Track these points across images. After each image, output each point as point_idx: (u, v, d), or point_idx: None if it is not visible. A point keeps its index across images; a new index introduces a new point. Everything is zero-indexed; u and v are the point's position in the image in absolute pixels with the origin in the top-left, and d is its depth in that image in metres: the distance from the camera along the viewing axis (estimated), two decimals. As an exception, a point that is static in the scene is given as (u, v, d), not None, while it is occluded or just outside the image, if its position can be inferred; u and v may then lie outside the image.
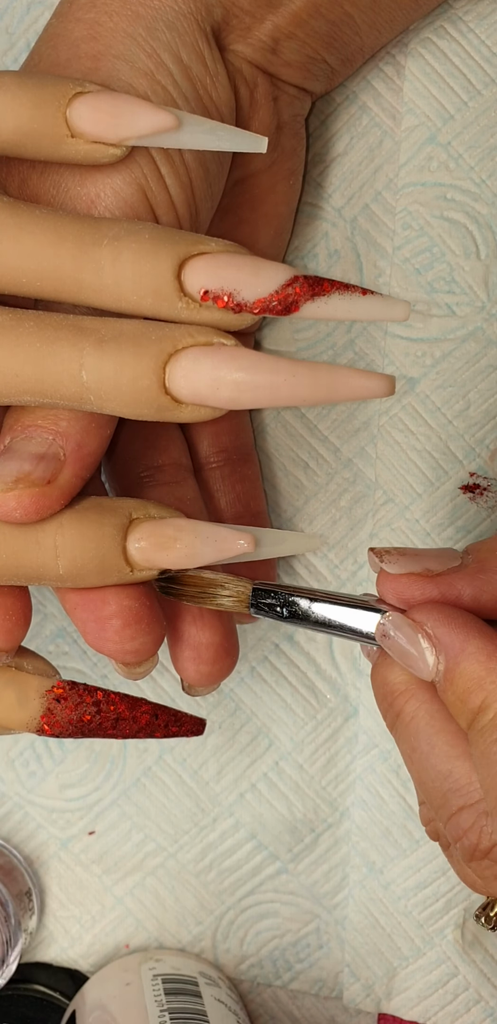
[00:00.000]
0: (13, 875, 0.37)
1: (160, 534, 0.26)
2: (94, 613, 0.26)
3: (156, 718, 0.27)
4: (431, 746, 0.25)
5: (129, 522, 0.26)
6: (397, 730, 0.26)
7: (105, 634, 0.26)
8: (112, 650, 0.27)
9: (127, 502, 0.26)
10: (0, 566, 0.26)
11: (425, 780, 0.25)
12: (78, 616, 0.27)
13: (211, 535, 0.26)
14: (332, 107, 0.33)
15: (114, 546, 0.26)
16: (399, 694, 0.26)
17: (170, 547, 0.26)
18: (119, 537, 0.26)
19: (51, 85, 0.25)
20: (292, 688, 0.35)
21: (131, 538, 0.26)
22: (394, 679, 0.26)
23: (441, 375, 0.33)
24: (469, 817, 0.25)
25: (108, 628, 0.26)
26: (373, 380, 0.24)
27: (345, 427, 0.34)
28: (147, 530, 0.26)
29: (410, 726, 0.26)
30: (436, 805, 0.25)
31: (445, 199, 0.32)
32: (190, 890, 0.37)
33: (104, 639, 0.26)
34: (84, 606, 0.26)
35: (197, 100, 0.27)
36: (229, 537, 0.26)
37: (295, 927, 0.37)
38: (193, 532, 0.26)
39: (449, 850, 0.27)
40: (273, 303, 0.24)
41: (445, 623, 0.25)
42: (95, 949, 0.38)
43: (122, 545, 0.26)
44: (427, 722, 0.25)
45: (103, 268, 0.24)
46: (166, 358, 0.24)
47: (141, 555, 0.26)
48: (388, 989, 0.36)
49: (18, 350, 0.24)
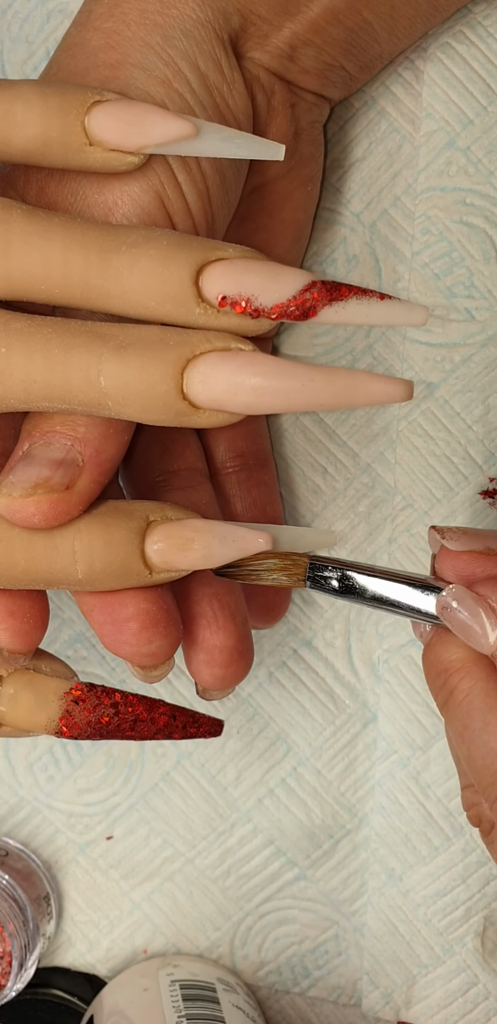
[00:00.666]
0: (32, 879, 0.37)
1: (178, 536, 0.26)
2: (111, 616, 0.26)
3: (174, 719, 0.27)
4: (485, 724, 0.25)
5: (146, 525, 0.26)
6: (449, 708, 0.26)
7: (122, 637, 0.26)
8: (129, 653, 0.27)
9: (144, 505, 0.26)
10: (19, 571, 0.26)
11: (476, 758, 0.25)
12: (95, 619, 0.27)
13: (228, 535, 0.26)
14: (351, 112, 0.33)
15: (132, 549, 0.26)
16: (454, 671, 0.26)
17: (188, 548, 0.26)
18: (137, 540, 0.26)
19: (70, 94, 0.25)
20: (310, 693, 0.35)
21: (149, 540, 0.26)
22: (449, 656, 0.26)
23: (460, 380, 0.33)
24: None
25: (125, 631, 0.26)
26: (391, 385, 0.24)
27: (364, 432, 0.34)
28: (165, 532, 0.26)
29: (463, 704, 0.25)
30: (485, 785, 0.25)
31: (464, 204, 0.32)
32: (208, 896, 0.37)
33: (121, 642, 0.26)
34: (101, 609, 0.26)
35: (214, 108, 0.27)
36: (246, 536, 0.26)
37: (313, 934, 0.37)
38: (210, 532, 0.26)
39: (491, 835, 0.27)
40: (291, 308, 0.24)
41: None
42: (113, 954, 0.38)
43: (140, 548, 0.26)
44: (482, 699, 0.25)
45: (121, 274, 0.24)
46: (184, 363, 0.24)
47: (159, 557, 0.26)
48: (407, 997, 0.36)
49: (36, 356, 0.24)
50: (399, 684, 0.34)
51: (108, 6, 0.27)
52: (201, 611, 0.28)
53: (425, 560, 0.34)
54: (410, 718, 0.35)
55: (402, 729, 0.35)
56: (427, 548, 0.34)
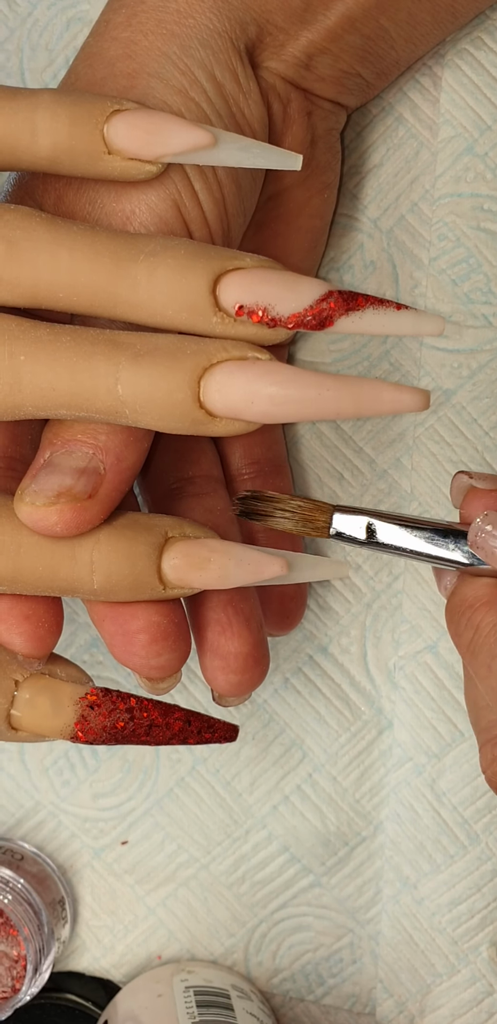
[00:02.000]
0: (46, 884, 0.37)
1: (195, 554, 0.26)
2: (122, 627, 0.26)
3: (189, 724, 0.27)
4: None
5: (164, 540, 0.26)
6: (473, 646, 0.26)
7: (132, 648, 0.26)
8: (138, 664, 0.27)
9: (163, 520, 0.26)
10: (36, 578, 0.26)
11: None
12: (105, 629, 0.27)
13: (244, 558, 0.26)
14: (368, 119, 0.33)
15: (149, 564, 0.26)
16: (480, 606, 0.26)
17: (204, 568, 0.26)
18: (154, 556, 0.26)
19: (89, 103, 0.25)
20: (326, 700, 0.35)
21: (166, 557, 0.26)
22: (475, 593, 0.26)
23: (477, 386, 0.33)
24: None
25: (135, 643, 0.26)
26: (408, 394, 0.24)
27: (380, 438, 0.34)
28: (182, 550, 0.26)
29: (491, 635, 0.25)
30: None
31: (482, 210, 0.32)
32: (223, 902, 0.37)
33: (130, 653, 0.27)
34: (112, 619, 0.27)
35: (230, 117, 0.27)
36: (262, 561, 0.26)
37: (328, 941, 0.37)
38: (227, 554, 0.26)
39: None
40: (307, 318, 0.24)
41: None
42: (127, 959, 0.38)
43: (157, 563, 0.26)
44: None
45: (139, 283, 0.24)
46: (201, 372, 0.24)
47: (174, 574, 0.26)
48: (421, 1006, 0.36)
49: (55, 364, 0.24)
50: (415, 691, 0.34)
51: (126, 16, 0.27)
52: (216, 617, 0.28)
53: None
54: (426, 725, 0.34)
55: (418, 736, 0.35)
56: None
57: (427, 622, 0.34)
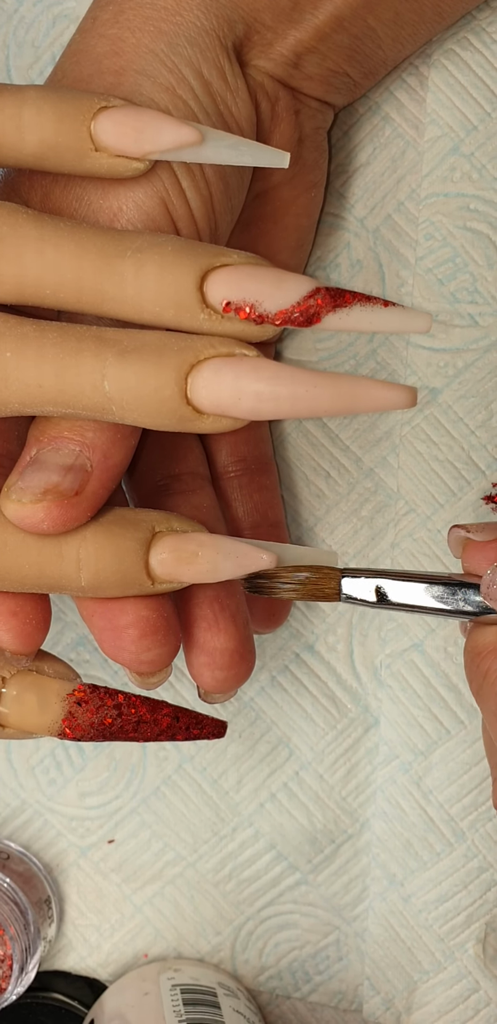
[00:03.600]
0: (33, 883, 0.37)
1: (182, 549, 0.26)
2: (111, 622, 0.26)
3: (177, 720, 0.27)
4: None
5: (152, 536, 0.26)
6: (483, 690, 0.27)
7: (121, 643, 0.26)
8: (127, 660, 0.27)
9: (150, 515, 0.26)
10: (23, 576, 0.26)
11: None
12: (95, 624, 0.27)
13: (232, 551, 0.26)
14: (355, 118, 0.33)
15: (136, 560, 0.26)
16: (487, 653, 0.27)
17: (192, 562, 0.26)
18: (142, 551, 0.26)
19: (76, 99, 0.25)
20: (313, 698, 0.35)
21: (153, 552, 0.26)
22: (483, 640, 0.27)
23: (464, 385, 0.33)
24: None
25: (124, 638, 0.26)
26: (394, 391, 0.24)
27: (367, 437, 0.34)
28: (169, 544, 0.26)
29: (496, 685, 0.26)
30: None
31: (468, 209, 0.32)
32: (209, 900, 0.37)
33: (120, 648, 0.26)
34: (101, 614, 0.26)
35: (217, 115, 0.27)
36: (250, 553, 0.26)
37: (315, 939, 0.37)
38: (214, 548, 0.26)
39: None
40: (295, 315, 0.24)
41: None
42: (114, 958, 0.38)
43: (144, 559, 0.26)
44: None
45: (126, 280, 0.24)
46: (188, 369, 0.24)
47: (162, 569, 0.26)
48: (408, 1003, 0.36)
49: (41, 361, 0.24)
50: (401, 689, 0.34)
51: (113, 13, 0.27)
52: (202, 613, 0.28)
53: (427, 565, 0.34)
54: (412, 723, 0.35)
55: (404, 734, 0.35)
56: (430, 553, 0.34)
57: (413, 621, 0.34)
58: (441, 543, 0.34)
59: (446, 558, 0.34)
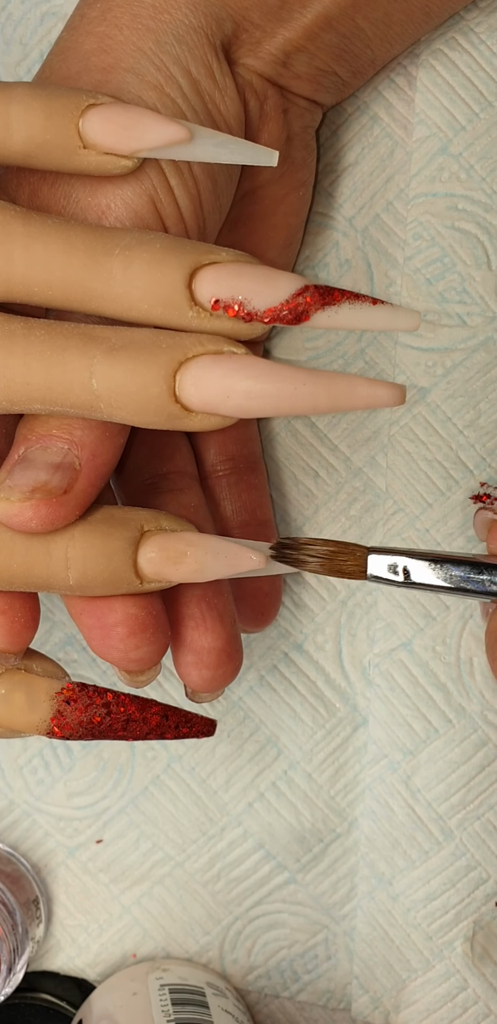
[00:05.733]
0: (20, 883, 0.37)
1: (171, 548, 0.26)
2: (99, 620, 0.26)
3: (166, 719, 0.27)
4: None
5: (140, 535, 0.26)
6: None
7: (110, 641, 0.26)
8: (116, 658, 0.27)
9: (139, 513, 0.26)
10: (10, 574, 0.26)
11: None
12: (83, 622, 0.27)
13: (221, 550, 0.26)
14: (343, 118, 0.33)
15: (125, 559, 0.26)
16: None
17: (180, 561, 0.26)
18: (130, 551, 0.26)
19: (65, 96, 0.25)
20: (301, 697, 0.35)
21: (142, 551, 0.26)
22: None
23: (452, 385, 0.33)
24: None
25: (113, 636, 0.26)
26: (383, 389, 0.24)
27: (355, 436, 0.34)
28: (158, 544, 0.26)
29: None
30: None
31: (456, 209, 0.32)
32: (198, 900, 0.37)
33: (109, 646, 0.26)
34: (89, 613, 0.26)
35: (206, 113, 0.27)
36: (239, 553, 0.26)
37: (303, 938, 0.37)
38: (204, 547, 0.26)
39: None
40: (283, 312, 0.24)
41: None
42: (102, 958, 0.38)
43: (133, 558, 0.26)
44: None
45: (114, 277, 0.24)
46: (176, 366, 0.24)
47: (151, 568, 0.26)
48: (396, 1002, 0.36)
49: (29, 358, 0.24)
50: (390, 688, 0.35)
51: (101, 10, 0.27)
52: (189, 612, 0.28)
53: (416, 564, 0.34)
54: (401, 722, 0.35)
55: (392, 733, 0.35)
56: (418, 552, 0.34)
57: (402, 620, 0.34)
58: (429, 543, 0.34)
59: (434, 557, 0.34)
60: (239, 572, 0.26)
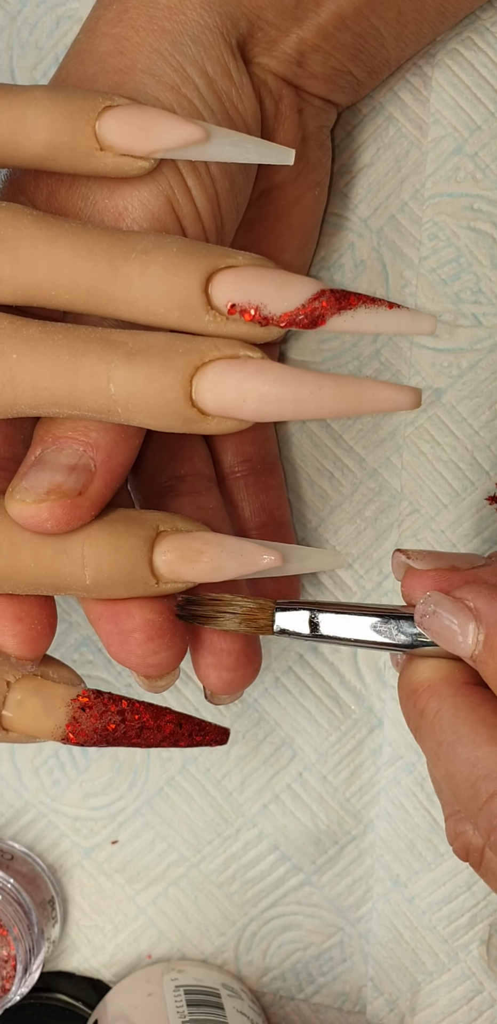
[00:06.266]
0: (36, 883, 0.37)
1: (186, 547, 0.26)
2: (118, 625, 0.26)
3: (180, 727, 0.27)
4: (457, 736, 0.25)
5: (156, 534, 0.26)
6: (421, 729, 0.26)
7: (128, 647, 0.26)
8: (134, 663, 0.27)
9: (154, 514, 0.26)
10: (27, 575, 0.26)
11: (453, 773, 0.25)
12: (102, 628, 0.27)
13: (237, 549, 0.26)
14: (358, 118, 0.33)
15: (141, 557, 0.26)
16: (423, 691, 0.26)
17: (196, 560, 0.26)
18: (146, 549, 0.26)
19: (81, 99, 0.25)
20: (316, 699, 0.35)
21: (158, 550, 0.26)
22: (418, 678, 0.26)
23: (467, 385, 0.33)
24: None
25: (131, 641, 0.26)
26: (399, 393, 0.24)
27: (371, 437, 0.34)
28: (174, 543, 0.26)
29: (434, 721, 0.25)
30: (466, 799, 0.25)
31: (472, 209, 0.32)
32: (213, 901, 0.37)
33: (127, 652, 0.27)
34: (108, 618, 0.26)
35: (223, 113, 0.27)
36: (255, 552, 0.26)
37: (318, 940, 0.37)
38: (219, 546, 0.26)
39: (483, 865, 0.27)
40: (300, 317, 0.24)
41: (485, 595, 0.25)
42: (117, 959, 0.38)
43: (148, 557, 0.26)
44: (452, 713, 0.25)
45: (131, 281, 0.24)
46: (193, 371, 0.24)
47: (167, 567, 0.26)
48: (412, 1004, 0.36)
49: (48, 362, 0.24)
50: (405, 690, 0.34)
51: (116, 12, 0.27)
52: None
53: (431, 566, 0.34)
54: (416, 724, 0.35)
55: (408, 735, 0.35)
56: (434, 554, 0.34)
57: (417, 621, 0.34)
58: (445, 544, 0.34)
59: (450, 559, 0.34)
60: (255, 571, 0.26)
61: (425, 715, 0.26)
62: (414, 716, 0.26)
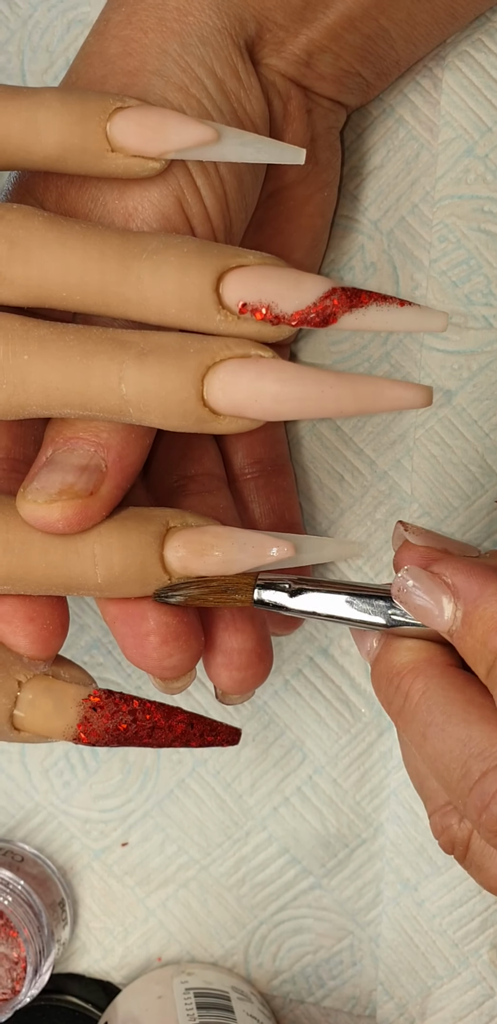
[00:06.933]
0: (47, 885, 0.37)
1: (197, 541, 0.26)
2: (133, 628, 0.26)
3: (192, 727, 0.27)
4: (447, 715, 0.24)
5: (166, 530, 0.26)
6: (405, 714, 0.25)
7: (144, 650, 0.26)
8: (150, 665, 0.27)
9: (164, 511, 0.26)
10: (39, 575, 0.26)
11: (443, 753, 0.24)
12: (117, 630, 0.27)
13: (248, 541, 0.26)
14: (369, 120, 0.33)
15: (152, 554, 0.26)
16: (406, 673, 0.25)
17: (207, 554, 0.26)
18: (156, 545, 0.26)
19: (92, 100, 0.25)
20: (326, 701, 0.35)
21: (169, 546, 0.26)
22: (400, 660, 0.25)
23: (478, 388, 0.33)
24: (494, 780, 0.23)
25: (147, 644, 0.26)
26: (410, 391, 0.24)
27: (381, 440, 0.34)
28: (185, 538, 0.26)
29: (421, 703, 0.25)
30: (456, 779, 0.24)
31: (482, 211, 0.32)
32: (223, 903, 0.37)
33: (143, 654, 0.27)
34: (123, 620, 0.27)
35: (232, 113, 0.27)
36: (267, 543, 0.26)
37: (328, 943, 0.36)
38: (231, 539, 0.26)
39: (467, 858, 0.26)
40: (311, 315, 0.24)
41: (463, 571, 0.24)
42: (127, 961, 0.38)
43: (160, 553, 0.26)
44: (441, 694, 0.24)
45: (142, 281, 0.24)
46: (204, 371, 0.24)
47: (179, 563, 0.26)
48: (422, 1009, 0.36)
49: (60, 363, 0.24)
50: (415, 693, 0.34)
51: (125, 14, 0.27)
52: (219, 613, 0.28)
53: (442, 568, 0.34)
54: (426, 727, 0.34)
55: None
56: (444, 556, 0.34)
57: (428, 623, 0.34)
58: (455, 546, 0.34)
59: (460, 561, 0.34)
60: (267, 563, 0.26)
61: (410, 697, 0.25)
62: (397, 699, 0.25)
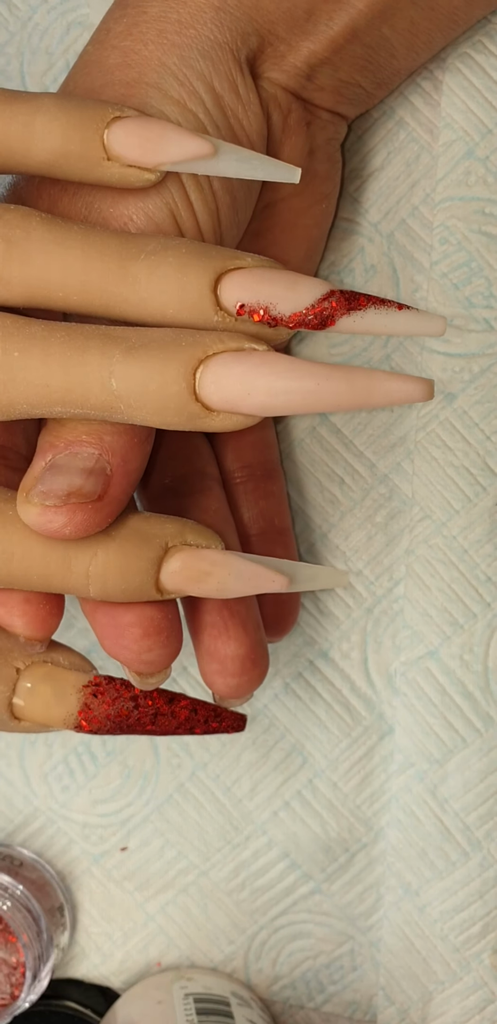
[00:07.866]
0: (46, 890, 0.37)
1: (194, 568, 0.25)
2: (113, 619, 0.26)
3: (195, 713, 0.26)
4: None
5: (164, 552, 0.25)
6: None
7: (123, 641, 0.26)
8: (128, 658, 0.26)
9: (165, 528, 0.26)
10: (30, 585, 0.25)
11: None
12: (97, 620, 0.26)
13: (244, 571, 0.25)
14: (369, 122, 0.33)
15: (147, 579, 0.25)
16: None
17: (203, 580, 0.25)
18: (153, 571, 0.25)
19: (90, 108, 0.25)
20: (327, 705, 0.35)
21: (165, 568, 0.25)
22: None
23: (479, 390, 0.33)
24: None
25: (127, 636, 0.26)
26: (410, 383, 0.23)
27: (381, 442, 0.34)
28: (181, 562, 0.25)
29: None
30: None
31: (483, 213, 0.32)
32: (222, 908, 0.37)
33: (121, 646, 0.26)
34: (104, 611, 0.26)
35: (228, 128, 0.27)
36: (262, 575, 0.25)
37: (329, 948, 0.36)
38: (227, 567, 0.25)
39: None
40: (309, 317, 0.24)
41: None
42: (127, 966, 0.38)
43: (155, 577, 0.25)
44: None
45: (139, 282, 0.24)
46: (196, 364, 0.24)
47: (172, 584, 0.25)
48: (423, 1014, 0.36)
49: (49, 359, 0.24)
50: (416, 696, 0.34)
51: (127, 25, 0.27)
52: (211, 620, 0.28)
53: (443, 571, 0.34)
54: (427, 731, 0.34)
55: (419, 742, 0.34)
56: (445, 559, 0.34)
57: (428, 627, 0.34)
58: (456, 550, 0.34)
59: (462, 564, 0.34)
60: (261, 592, 0.26)
61: None
62: None
